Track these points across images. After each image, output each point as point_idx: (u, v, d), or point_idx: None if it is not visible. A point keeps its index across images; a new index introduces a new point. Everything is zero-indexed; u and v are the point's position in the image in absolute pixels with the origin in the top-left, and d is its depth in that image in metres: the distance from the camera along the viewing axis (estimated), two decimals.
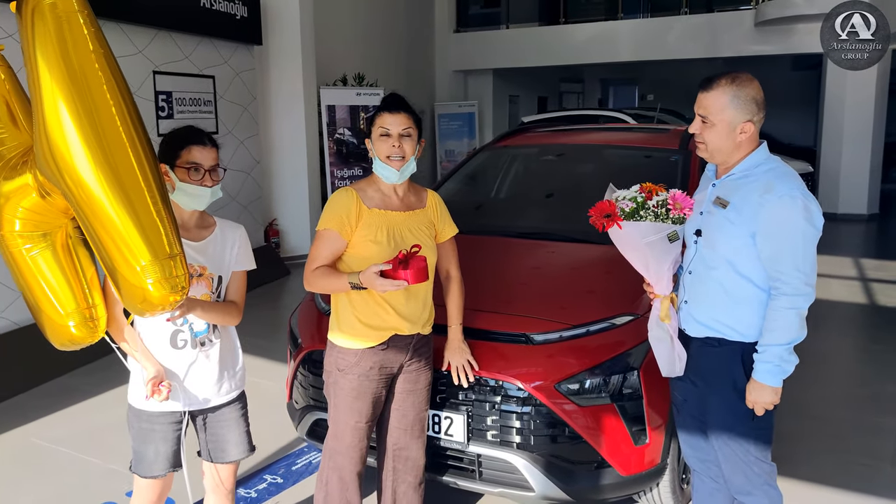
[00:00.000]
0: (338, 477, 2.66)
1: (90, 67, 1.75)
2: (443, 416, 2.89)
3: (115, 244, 1.80)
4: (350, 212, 2.52)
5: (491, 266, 3.39)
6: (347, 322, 2.58)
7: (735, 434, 2.43)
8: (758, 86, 2.35)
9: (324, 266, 2.53)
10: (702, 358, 2.48)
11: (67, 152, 1.74)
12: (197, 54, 6.73)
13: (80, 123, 1.73)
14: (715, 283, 2.40)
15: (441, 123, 13.59)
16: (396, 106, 2.56)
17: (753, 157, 2.38)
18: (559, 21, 14.01)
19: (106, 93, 1.75)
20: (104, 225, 1.80)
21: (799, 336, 2.27)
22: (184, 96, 6.54)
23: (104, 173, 1.75)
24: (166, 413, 2.34)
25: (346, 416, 2.61)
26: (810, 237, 2.26)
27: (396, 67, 12.03)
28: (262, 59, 8.04)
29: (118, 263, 1.82)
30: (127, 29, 5.83)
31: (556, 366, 2.82)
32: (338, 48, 9.79)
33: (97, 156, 1.74)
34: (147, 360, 2.28)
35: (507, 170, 4.51)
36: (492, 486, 2.89)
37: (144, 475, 2.37)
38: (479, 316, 2.97)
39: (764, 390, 2.29)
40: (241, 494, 3.44)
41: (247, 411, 2.55)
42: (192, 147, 2.31)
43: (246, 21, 7.27)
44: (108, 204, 1.77)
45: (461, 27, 14.52)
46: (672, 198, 2.54)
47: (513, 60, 14.21)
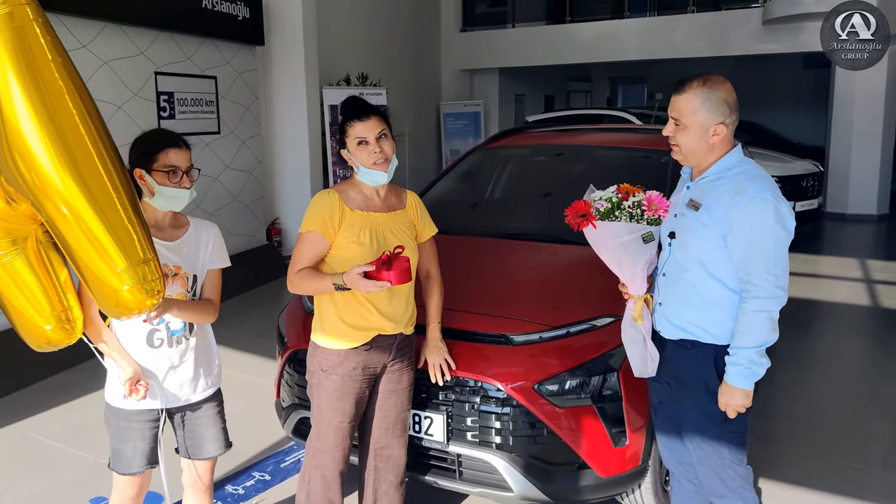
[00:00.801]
0: (320, 476, 2.69)
1: (50, 77, 1.75)
2: (423, 415, 2.91)
3: (87, 253, 1.82)
4: (333, 213, 2.54)
5: (473, 267, 3.41)
6: (331, 323, 2.61)
7: (708, 437, 2.43)
8: (730, 88, 2.36)
9: (307, 268, 2.55)
10: (676, 360, 2.49)
11: (33, 163, 1.75)
12: (199, 55, 6.78)
13: (45, 134, 1.74)
14: (687, 284, 2.41)
15: (447, 123, 13.61)
16: (365, 112, 2.56)
17: (726, 160, 2.38)
18: (565, 20, 13.98)
19: (68, 101, 1.76)
20: (75, 234, 1.82)
21: (770, 339, 2.27)
22: (185, 97, 6.59)
23: (73, 182, 1.77)
24: (144, 411, 2.38)
25: (330, 416, 2.64)
26: (781, 240, 2.26)
27: (401, 67, 12.06)
28: (264, 59, 8.09)
29: (92, 271, 1.85)
30: (129, 30, 5.89)
31: (536, 367, 2.84)
32: (341, 48, 9.82)
33: (64, 165, 1.75)
34: (124, 359, 2.32)
35: (498, 171, 4.52)
36: (472, 486, 2.91)
37: (123, 472, 2.41)
38: (460, 316, 2.99)
39: (735, 393, 2.30)
40: (228, 491, 3.48)
41: (223, 408, 2.59)
42: (169, 150, 2.33)
43: (248, 22, 7.32)
44: (78, 213, 1.79)
45: (467, 26, 14.52)
46: (647, 199, 2.56)
47: (519, 59, 14.20)
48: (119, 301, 1.87)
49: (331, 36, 9.60)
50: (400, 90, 11.62)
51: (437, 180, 4.59)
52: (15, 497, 3.46)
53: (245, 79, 7.51)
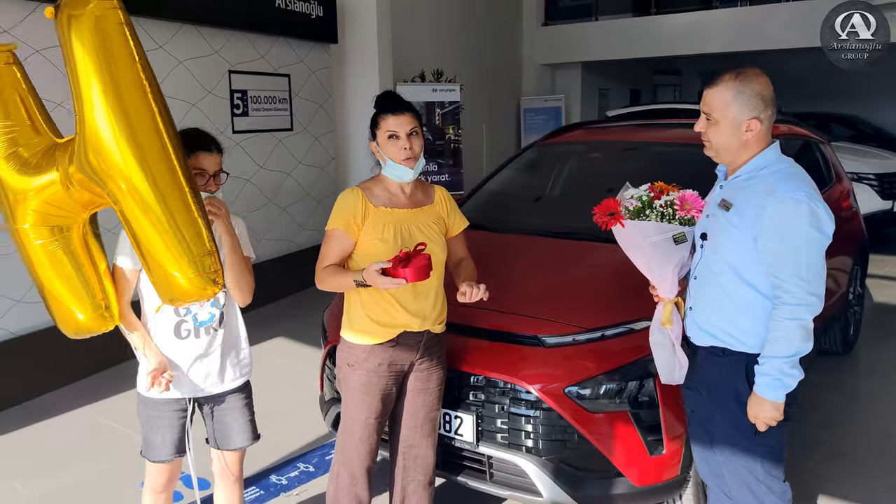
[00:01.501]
0: (348, 471, 2.71)
1: (133, 78, 1.89)
2: (454, 415, 2.90)
3: (155, 243, 1.94)
4: (356, 211, 2.55)
5: (511, 265, 3.36)
6: (357, 318, 2.62)
7: (739, 450, 2.32)
8: (765, 81, 2.23)
9: (333, 265, 2.57)
10: (707, 368, 2.38)
11: (112, 157, 1.88)
12: (272, 54, 6.94)
13: (124, 130, 1.88)
14: (718, 288, 2.30)
15: (526, 118, 13.48)
16: (399, 107, 2.57)
17: (761, 158, 2.26)
18: (650, 12, 13.59)
19: (146, 102, 1.89)
20: (143, 225, 1.94)
21: (802, 349, 2.14)
22: (259, 94, 6.77)
23: (145, 177, 1.89)
24: (171, 401, 2.45)
25: (356, 411, 2.65)
26: (815, 243, 2.12)
27: (479, 63, 12.00)
28: (338, 57, 8.21)
29: (157, 260, 1.96)
30: (203, 31, 6.08)
31: (567, 370, 2.77)
32: (416, 44, 9.86)
33: (139, 161, 1.88)
34: (150, 351, 2.40)
35: (550, 168, 4.44)
36: (502, 488, 2.88)
37: (152, 460, 2.50)
38: (492, 315, 2.95)
39: (764, 404, 2.18)
40: (272, 480, 3.56)
41: (251, 400, 2.64)
42: (200, 153, 2.40)
43: (321, 20, 7.44)
44: (149, 205, 1.91)
45: (549, 20, 14.31)
46: (680, 198, 2.46)
47: (602, 53, 13.89)
48: (182, 289, 1.99)
49: (407, 33, 9.66)
50: (477, 86, 11.58)
51: (492, 176, 4.55)
52: (71, 477, 3.64)
53: (318, 76, 7.65)
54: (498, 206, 4.19)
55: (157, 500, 2.61)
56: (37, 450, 3.96)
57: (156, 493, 2.59)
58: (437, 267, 2.63)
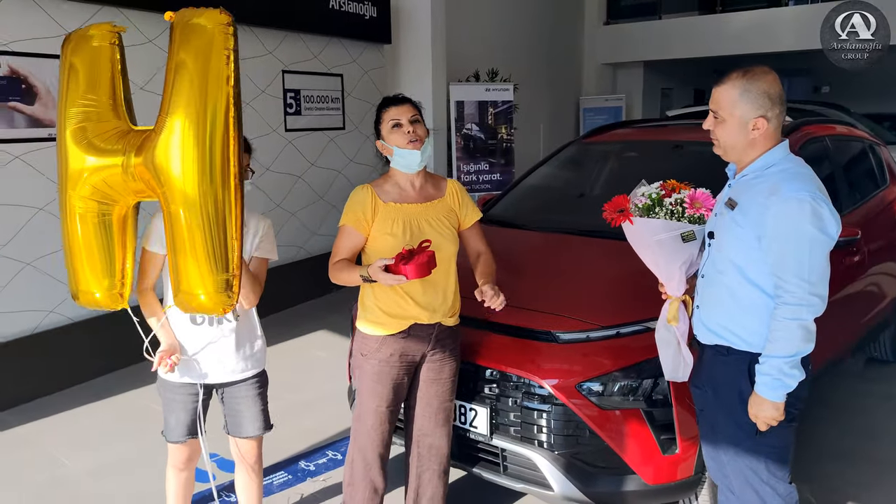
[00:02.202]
0: (362, 457, 2.79)
1: (224, 100, 2.00)
2: (468, 407, 2.95)
3: (188, 254, 2.05)
4: (366, 207, 2.63)
5: (530, 261, 3.39)
6: (370, 310, 2.70)
7: (742, 449, 2.30)
8: (773, 79, 2.21)
9: (344, 259, 2.66)
10: (712, 366, 2.37)
11: (178, 169, 2.01)
12: (325, 54, 7.11)
13: (198, 151, 2.00)
14: (723, 287, 2.29)
15: (586, 118, 13.37)
16: (399, 99, 2.70)
17: (768, 157, 2.23)
18: (716, 10, 13.30)
19: (231, 127, 2.01)
20: (183, 235, 2.05)
21: (802, 349, 2.11)
22: (311, 94, 6.95)
23: (201, 199, 2.01)
24: (185, 385, 2.58)
25: (368, 399, 2.73)
26: (818, 244, 2.09)
27: (537, 62, 11.98)
28: (391, 56, 8.34)
29: (185, 269, 2.08)
30: (258, 32, 6.28)
31: (580, 366, 2.79)
32: (472, 44, 9.91)
33: (201, 184, 2.00)
34: (163, 332, 2.53)
35: (584, 166, 4.44)
36: (515, 481, 2.91)
37: (168, 440, 2.63)
38: (507, 311, 2.96)
39: (764, 404, 2.16)
40: (300, 466, 3.68)
41: (265, 391, 2.74)
42: None
43: (375, 21, 7.57)
44: (195, 221, 2.03)
45: (611, 19, 14.17)
46: (690, 196, 2.46)
47: (665, 52, 13.66)
48: (198, 303, 2.10)
49: (462, 33, 9.73)
50: (534, 86, 11.57)
51: (528, 174, 4.58)
52: (113, 455, 3.83)
53: (371, 76, 7.79)
54: (528, 204, 4.21)
55: (179, 477, 2.75)
56: (84, 429, 4.18)
57: (177, 471, 2.73)
58: (446, 261, 2.68)
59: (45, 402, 4.50)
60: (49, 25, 4.65)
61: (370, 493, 2.81)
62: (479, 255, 2.86)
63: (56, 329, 4.72)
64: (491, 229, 4.01)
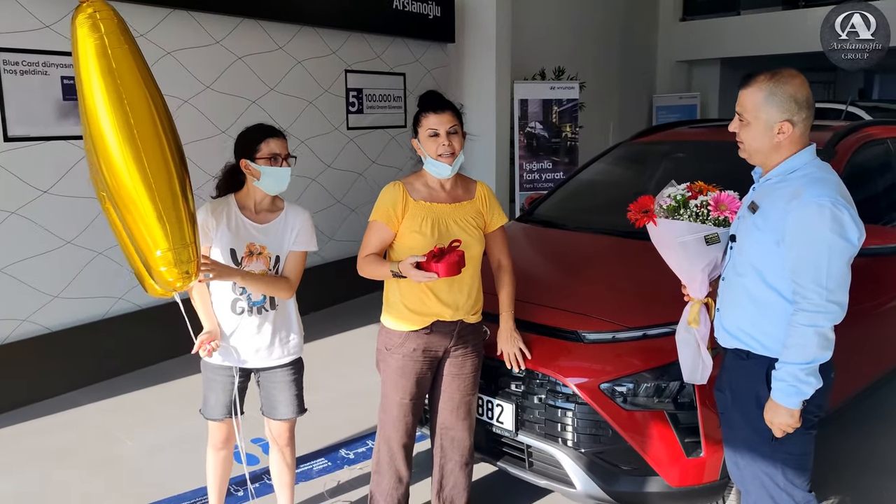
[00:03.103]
0: (387, 447, 2.87)
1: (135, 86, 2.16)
2: (495, 402, 3.00)
3: (139, 229, 2.21)
4: (396, 204, 2.71)
5: (564, 261, 3.41)
6: (395, 306, 2.78)
7: (759, 454, 2.28)
8: (801, 83, 2.18)
9: (373, 254, 2.74)
10: (732, 370, 2.36)
11: (105, 147, 2.15)
12: (388, 53, 7.24)
13: (121, 126, 2.14)
14: (743, 291, 2.27)
15: (659, 116, 13.13)
16: (441, 106, 2.70)
17: (793, 161, 2.20)
18: (799, 5, 12.83)
19: (148, 109, 2.17)
20: (132, 213, 2.21)
21: (819, 357, 2.08)
22: (374, 92, 7.10)
23: (136, 166, 2.15)
24: (223, 367, 2.73)
25: (392, 391, 2.82)
26: (838, 250, 2.05)
27: (608, 60, 11.85)
28: (456, 55, 8.42)
29: (142, 247, 2.25)
30: (322, 32, 6.46)
31: (605, 366, 2.80)
32: (538, 43, 9.88)
33: (132, 152, 2.15)
34: (207, 318, 2.69)
35: (630, 166, 4.41)
36: (540, 477, 2.95)
37: (207, 417, 2.81)
38: (534, 309, 3.02)
39: (779, 410, 2.14)
40: (341, 454, 3.81)
41: (300, 377, 2.87)
42: (270, 140, 2.69)
43: (439, 20, 7.67)
44: (136, 195, 2.18)
45: (688, 15, 13.86)
46: (715, 199, 2.45)
47: (745, 49, 13.26)
48: (155, 278, 2.28)
49: (529, 32, 9.72)
50: (604, 84, 11.46)
51: (575, 174, 4.58)
52: (171, 435, 4.04)
53: (434, 75, 7.89)
54: (569, 204, 4.23)
55: (218, 455, 2.91)
56: (146, 410, 4.42)
57: (216, 450, 2.90)
58: (473, 261, 2.74)
59: (114, 384, 4.78)
60: None
61: (395, 482, 2.90)
62: (499, 266, 2.92)
63: (124, 315, 5.00)
64: (530, 228, 4.08)
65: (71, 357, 4.67)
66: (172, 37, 5.18)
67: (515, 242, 3.91)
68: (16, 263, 4.41)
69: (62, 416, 4.33)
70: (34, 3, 4.38)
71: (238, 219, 2.69)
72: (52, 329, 4.60)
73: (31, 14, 4.37)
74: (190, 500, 3.36)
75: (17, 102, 4.33)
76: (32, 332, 4.51)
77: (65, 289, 4.66)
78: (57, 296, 4.62)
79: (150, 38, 5.01)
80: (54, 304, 4.61)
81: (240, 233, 2.68)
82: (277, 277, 2.71)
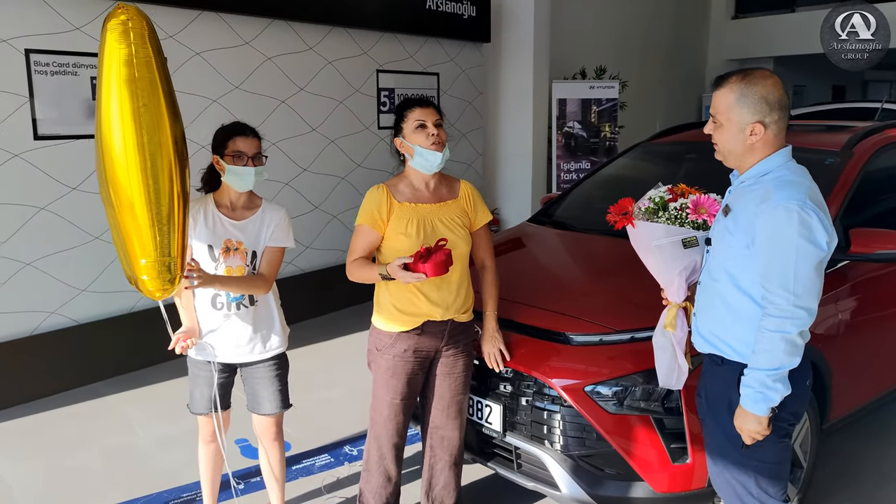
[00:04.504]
0: (377, 446, 2.90)
1: (153, 91, 2.24)
2: (484, 403, 2.99)
3: (129, 235, 2.29)
4: (381, 207, 2.72)
5: (557, 262, 3.37)
6: (385, 307, 2.79)
7: (730, 461, 2.23)
8: (773, 84, 2.12)
9: (361, 258, 2.76)
10: (707, 376, 2.31)
11: (112, 151, 2.26)
12: (421, 53, 7.27)
13: (131, 134, 2.23)
14: (716, 295, 2.22)
15: (706, 115, 12.83)
16: (425, 102, 2.76)
17: (765, 163, 2.15)
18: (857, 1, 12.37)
19: (163, 113, 2.25)
20: (126, 218, 2.30)
21: (786, 363, 2.01)
22: (406, 92, 7.12)
23: (140, 176, 2.25)
24: (204, 362, 2.80)
25: (383, 391, 2.83)
26: (806, 255, 1.99)
27: (652, 59, 11.65)
28: (492, 55, 8.40)
29: (129, 251, 2.32)
30: (353, 33, 6.52)
31: (590, 369, 2.77)
32: (578, 42, 9.79)
33: (139, 161, 2.25)
34: (187, 315, 2.75)
35: (643, 167, 4.32)
36: (528, 479, 2.93)
37: (192, 411, 2.87)
38: (526, 310, 3.00)
39: (748, 417, 2.08)
40: (345, 450, 3.85)
41: (284, 373, 2.90)
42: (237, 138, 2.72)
43: (474, 20, 7.65)
44: (135, 202, 2.26)
45: (740, 13, 13.52)
46: (694, 202, 2.40)
47: (799, 47, 12.84)
48: (139, 285, 2.37)
49: (570, 31, 9.63)
50: (649, 83, 11.28)
51: (591, 174, 4.52)
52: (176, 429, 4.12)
53: (469, 74, 7.88)
54: (579, 205, 4.18)
55: (207, 449, 2.98)
56: (161, 403, 4.54)
57: (206, 443, 2.96)
58: (461, 259, 2.74)
59: (136, 376, 4.92)
60: None
61: (384, 481, 2.91)
62: (482, 266, 2.92)
63: (149, 310, 5.13)
64: (538, 229, 4.04)
65: (96, 349, 4.84)
66: (202, 38, 5.30)
67: (520, 243, 3.90)
68: (45, 258, 4.58)
69: (83, 405, 4.49)
70: (64, 6, 4.54)
71: (215, 216, 2.74)
72: (80, 322, 4.77)
73: (62, 16, 4.54)
74: (191, 492, 3.44)
75: (47, 102, 4.50)
76: (60, 325, 4.68)
77: (92, 283, 4.82)
78: (84, 290, 4.79)
79: (180, 39, 5.14)
80: (81, 297, 4.78)
81: (217, 230, 2.73)
82: (253, 276, 2.75)
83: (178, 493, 3.45)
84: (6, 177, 4.38)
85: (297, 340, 4.59)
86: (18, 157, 4.42)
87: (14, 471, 3.71)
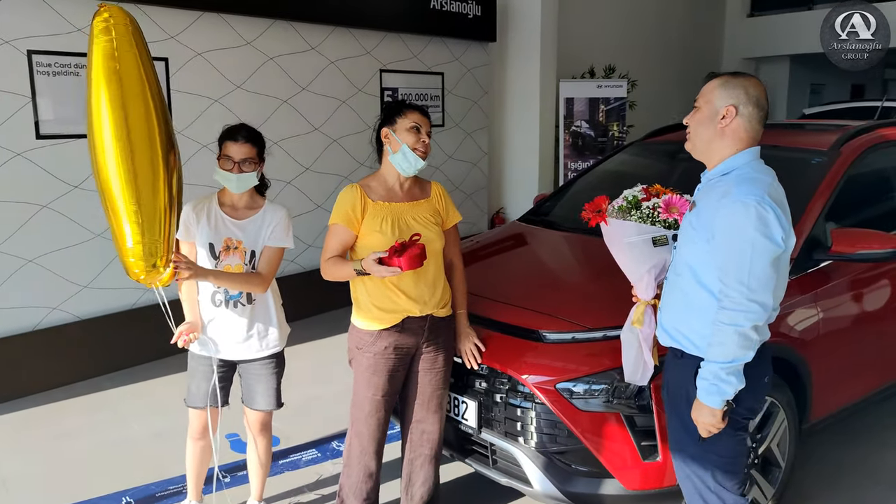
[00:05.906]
0: (358, 442, 2.93)
1: (136, 81, 2.36)
2: (461, 399, 3.02)
3: (117, 219, 2.38)
4: (355, 206, 2.76)
5: (536, 260, 3.39)
6: (364, 306, 2.82)
7: (687, 455, 2.26)
8: (757, 83, 2.19)
9: (335, 256, 2.80)
10: (669, 370, 2.34)
11: (101, 140, 2.37)
12: (426, 53, 7.30)
13: (116, 122, 2.34)
14: (679, 290, 2.26)
15: None
16: (425, 111, 2.84)
17: (733, 161, 2.18)
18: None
19: (147, 101, 2.35)
20: (114, 203, 2.40)
21: (739, 357, 2.04)
22: (410, 92, 7.17)
23: (124, 161, 2.36)
24: (204, 357, 2.87)
25: (364, 388, 2.87)
26: (762, 250, 2.01)
27: (665, 57, 11.59)
28: (498, 54, 8.41)
29: (116, 235, 2.39)
30: (356, 32, 6.57)
31: (563, 366, 2.80)
32: (587, 41, 9.77)
33: (123, 147, 2.36)
34: (190, 310, 2.83)
35: (635, 166, 4.33)
36: (503, 475, 2.96)
37: (188, 405, 2.95)
38: (502, 308, 3.03)
39: (703, 410, 2.12)
40: (332, 447, 3.91)
41: (279, 371, 2.97)
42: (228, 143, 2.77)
43: (479, 19, 7.67)
44: (120, 187, 2.38)
45: (756, 11, 13.40)
46: (666, 201, 2.43)
47: (816, 45, 12.64)
48: (126, 267, 2.43)
49: (578, 30, 9.62)
50: (661, 81, 11.22)
51: (584, 173, 4.53)
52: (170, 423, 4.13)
53: (474, 74, 7.91)
54: (567, 204, 4.19)
55: (196, 446, 3.05)
56: (158, 398, 4.62)
57: (195, 440, 3.03)
58: (435, 255, 2.78)
59: (137, 371, 5.02)
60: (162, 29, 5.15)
61: (364, 476, 2.95)
62: (451, 266, 2.97)
63: (152, 306, 5.21)
64: (524, 227, 4.07)
65: (98, 344, 4.94)
66: (203, 38, 5.39)
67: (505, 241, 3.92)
68: (48, 254, 4.69)
69: (84, 399, 4.58)
70: (66, 7, 4.64)
71: (217, 215, 2.81)
72: (82, 317, 4.87)
73: (64, 18, 4.63)
74: (178, 484, 3.51)
75: (49, 102, 4.60)
76: (62, 320, 4.79)
77: (94, 279, 4.92)
78: (86, 286, 4.89)
79: (182, 39, 5.23)
80: (83, 293, 4.88)
81: (218, 228, 2.80)
82: (250, 274, 2.80)
83: (165, 486, 3.51)
84: (9, 175, 4.48)
85: (299, 338, 4.66)
86: (21, 156, 4.52)
87: (9, 462, 3.80)
